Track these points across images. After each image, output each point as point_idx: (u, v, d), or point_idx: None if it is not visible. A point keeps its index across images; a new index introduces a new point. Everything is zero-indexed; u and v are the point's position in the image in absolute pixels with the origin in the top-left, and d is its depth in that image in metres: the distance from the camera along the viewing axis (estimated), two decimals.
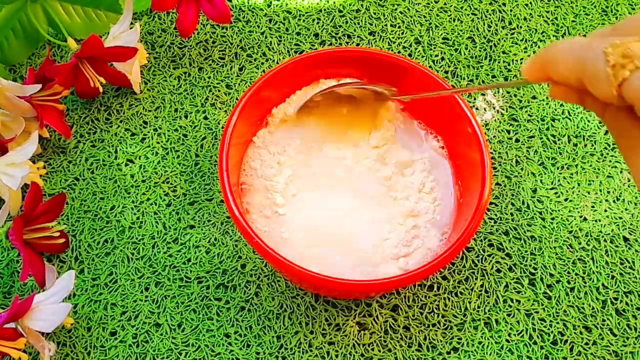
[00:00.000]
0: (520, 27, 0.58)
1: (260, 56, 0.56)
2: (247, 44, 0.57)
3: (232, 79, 0.55)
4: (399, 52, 0.56)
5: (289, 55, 0.56)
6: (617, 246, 0.49)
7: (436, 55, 0.56)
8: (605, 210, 0.50)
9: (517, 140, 0.53)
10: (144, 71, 0.55)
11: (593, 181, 0.51)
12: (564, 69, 0.26)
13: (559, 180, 0.51)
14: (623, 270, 0.48)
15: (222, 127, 0.53)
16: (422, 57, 0.56)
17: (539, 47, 0.57)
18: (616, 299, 0.47)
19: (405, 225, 0.44)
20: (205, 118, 0.53)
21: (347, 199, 0.45)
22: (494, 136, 0.53)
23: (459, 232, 0.41)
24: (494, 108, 0.54)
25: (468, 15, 0.58)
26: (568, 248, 0.49)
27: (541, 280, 0.47)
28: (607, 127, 0.28)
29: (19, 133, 0.47)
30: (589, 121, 0.53)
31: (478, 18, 0.58)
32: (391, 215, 0.44)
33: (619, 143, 0.27)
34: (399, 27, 0.58)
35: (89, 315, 0.46)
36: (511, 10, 0.59)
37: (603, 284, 0.47)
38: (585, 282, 0.47)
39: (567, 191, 0.51)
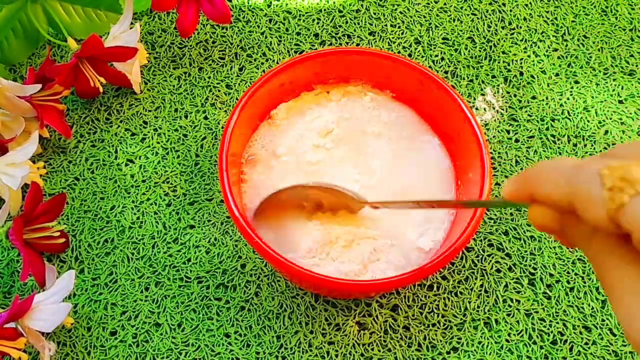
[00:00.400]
0: (520, 27, 0.58)
1: (260, 56, 0.56)
2: (247, 44, 0.57)
3: (232, 79, 0.55)
4: (398, 52, 0.56)
5: (289, 55, 0.56)
6: None
7: (436, 56, 0.56)
8: None
9: (516, 140, 0.53)
10: (144, 71, 0.55)
11: None
12: (551, 189, 0.24)
13: None
14: None
15: (222, 127, 0.53)
16: (422, 57, 0.56)
17: (538, 47, 0.57)
18: None
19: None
20: (205, 118, 0.53)
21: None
22: (494, 136, 0.53)
23: (459, 232, 0.41)
24: (494, 108, 0.54)
25: (468, 15, 0.58)
26: (568, 248, 0.49)
27: (541, 280, 0.47)
28: (591, 261, 0.24)
29: (19, 133, 0.47)
30: (588, 121, 0.54)
31: (478, 18, 0.58)
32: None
33: (605, 280, 0.23)
34: (399, 27, 0.58)
35: (89, 315, 0.46)
36: (511, 11, 0.59)
37: None
38: (584, 282, 0.47)
39: None
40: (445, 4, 0.59)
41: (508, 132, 0.53)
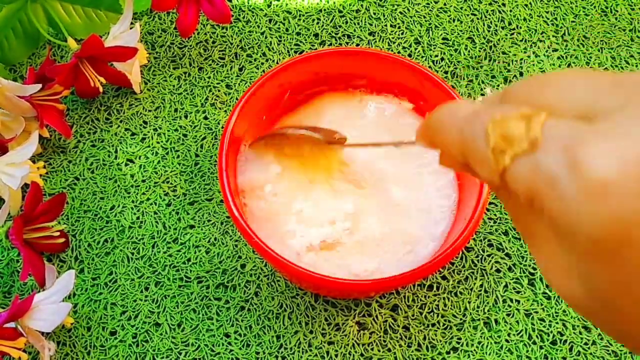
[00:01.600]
0: (520, 28, 0.58)
1: (260, 56, 0.56)
2: (247, 44, 0.57)
3: (232, 79, 0.55)
4: (398, 52, 0.56)
5: (289, 55, 0.56)
6: None
7: (436, 56, 0.56)
8: None
9: None
10: (144, 71, 0.55)
11: None
12: (447, 141, 0.22)
13: None
14: None
15: (222, 127, 0.53)
16: (422, 57, 0.56)
17: (538, 47, 0.57)
18: None
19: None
20: (205, 118, 0.53)
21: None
22: None
23: (458, 232, 0.41)
24: None
25: (468, 15, 0.58)
26: None
27: (541, 280, 0.47)
28: (505, 206, 0.23)
29: (19, 133, 0.47)
30: None
31: (478, 18, 0.58)
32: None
33: (517, 226, 0.23)
34: (399, 27, 0.58)
35: (89, 315, 0.46)
36: (511, 11, 0.59)
37: None
38: None
39: None
40: (445, 4, 0.59)
41: None
